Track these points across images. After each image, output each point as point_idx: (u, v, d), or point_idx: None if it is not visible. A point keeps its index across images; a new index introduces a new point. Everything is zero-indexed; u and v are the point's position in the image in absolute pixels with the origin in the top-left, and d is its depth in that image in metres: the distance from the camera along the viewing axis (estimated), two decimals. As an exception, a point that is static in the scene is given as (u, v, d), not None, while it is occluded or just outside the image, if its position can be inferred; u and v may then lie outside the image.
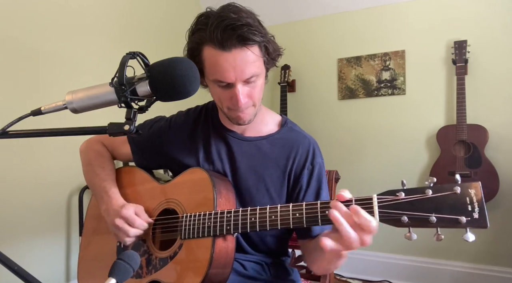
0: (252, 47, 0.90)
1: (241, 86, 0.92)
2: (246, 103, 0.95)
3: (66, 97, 0.70)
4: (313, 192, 1.05)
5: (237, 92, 0.92)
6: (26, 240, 1.83)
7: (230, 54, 0.88)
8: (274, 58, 1.00)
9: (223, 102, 0.98)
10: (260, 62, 0.94)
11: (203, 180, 0.99)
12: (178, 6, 2.83)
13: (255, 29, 0.89)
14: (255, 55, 0.91)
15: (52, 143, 1.92)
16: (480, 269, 2.39)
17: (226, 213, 0.92)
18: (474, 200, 0.68)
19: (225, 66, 0.89)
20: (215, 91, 0.97)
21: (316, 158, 1.07)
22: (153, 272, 0.99)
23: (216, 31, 0.87)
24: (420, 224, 0.71)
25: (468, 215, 0.68)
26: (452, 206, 0.69)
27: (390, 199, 0.74)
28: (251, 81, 0.94)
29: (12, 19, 1.77)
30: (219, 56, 0.89)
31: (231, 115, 0.99)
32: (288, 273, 1.15)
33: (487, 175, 2.25)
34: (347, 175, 2.28)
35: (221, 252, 0.92)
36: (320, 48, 2.90)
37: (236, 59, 0.89)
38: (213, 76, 0.93)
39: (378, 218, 0.73)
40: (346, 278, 2.66)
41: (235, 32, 0.87)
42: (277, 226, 0.86)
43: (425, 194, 0.71)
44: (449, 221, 0.69)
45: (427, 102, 2.56)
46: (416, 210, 0.71)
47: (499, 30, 2.36)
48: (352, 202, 0.76)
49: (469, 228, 0.68)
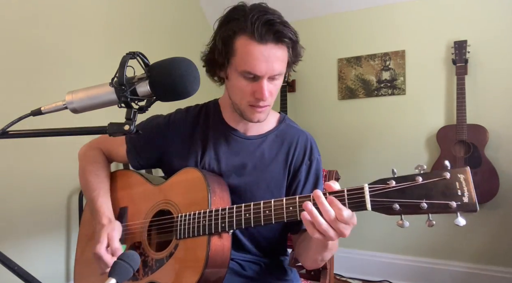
0: (284, 45, 0.94)
1: (266, 81, 0.94)
2: (267, 99, 0.96)
3: (66, 97, 0.70)
4: (310, 188, 1.07)
5: (263, 86, 0.93)
6: (26, 240, 1.83)
7: (265, 47, 0.91)
8: (295, 62, 1.03)
9: (245, 97, 0.97)
10: (285, 62, 0.97)
11: (197, 180, 0.98)
12: (178, 6, 2.83)
13: (290, 29, 0.95)
14: (285, 54, 0.95)
15: (52, 143, 1.92)
16: (480, 269, 2.39)
17: (221, 211, 0.92)
18: (463, 184, 0.69)
19: (259, 58, 0.91)
20: (239, 84, 0.97)
21: (314, 153, 1.10)
22: (149, 273, 0.99)
23: (257, 23, 0.90)
24: (412, 210, 0.72)
25: (458, 200, 0.69)
26: (442, 192, 0.70)
27: (381, 188, 0.75)
28: (276, 79, 0.96)
29: (12, 19, 1.77)
30: (254, 47, 0.91)
31: (249, 111, 0.99)
32: (287, 273, 1.15)
33: (487, 175, 2.25)
34: (347, 175, 2.27)
35: (217, 250, 0.92)
36: (320, 48, 2.91)
37: (270, 53, 0.91)
38: (243, 66, 0.93)
39: (370, 207, 0.75)
40: (346, 278, 2.66)
41: (274, 27, 0.91)
42: (271, 221, 0.86)
43: (415, 181, 0.72)
44: (440, 206, 0.69)
45: (427, 102, 2.56)
46: (407, 197, 0.72)
47: (499, 30, 2.36)
48: (344, 192, 0.77)
49: (460, 212, 0.69)
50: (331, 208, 0.75)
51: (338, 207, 0.75)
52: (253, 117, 1.00)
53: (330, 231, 0.76)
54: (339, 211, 0.75)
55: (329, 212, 0.75)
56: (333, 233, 0.76)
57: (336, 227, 0.75)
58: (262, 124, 1.10)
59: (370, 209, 0.75)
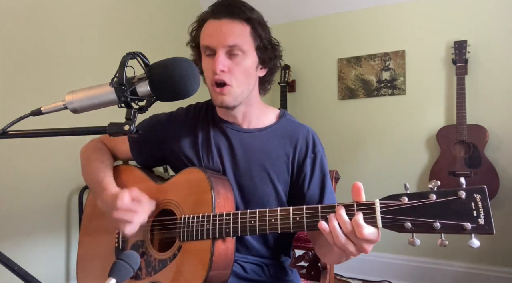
0: (241, 22, 0.97)
1: (222, 54, 0.96)
2: (222, 74, 0.96)
3: (66, 97, 0.70)
4: (318, 181, 1.05)
5: (217, 57, 0.95)
6: (26, 240, 1.83)
7: (220, 21, 0.97)
8: (265, 46, 1.02)
9: (209, 76, 1.00)
10: (248, 40, 0.98)
11: (200, 181, 0.98)
12: (178, 6, 2.83)
13: (248, 8, 0.99)
14: (243, 29, 0.97)
15: (52, 143, 1.92)
16: (480, 269, 2.39)
17: (225, 216, 0.91)
18: (479, 205, 0.66)
19: (211, 31, 0.97)
20: (204, 64, 1.01)
21: (317, 146, 1.08)
22: (152, 273, 0.99)
23: (216, 4, 0.99)
24: (424, 230, 0.68)
25: (473, 221, 0.65)
26: (457, 212, 0.66)
27: (393, 204, 0.71)
28: (234, 54, 0.97)
29: (12, 19, 1.77)
30: (210, 23, 0.98)
31: (213, 92, 1.01)
32: (288, 274, 1.15)
33: (487, 175, 2.24)
34: (347, 175, 2.27)
35: (220, 254, 0.92)
36: (320, 48, 2.90)
37: (222, 26, 0.96)
38: (202, 42, 0.99)
39: (380, 224, 0.72)
40: (346, 278, 2.66)
41: (229, 5, 0.98)
42: (277, 230, 0.85)
43: (429, 199, 0.69)
44: (454, 227, 0.66)
45: (427, 102, 2.56)
46: (419, 216, 0.69)
47: (499, 30, 2.36)
48: (353, 206, 0.75)
49: (474, 234, 0.66)
50: (351, 225, 0.73)
51: (359, 224, 0.72)
52: (217, 98, 1.00)
53: (350, 245, 0.74)
54: (359, 229, 0.72)
55: (347, 226, 0.73)
56: (353, 247, 0.74)
57: (357, 242, 0.73)
58: (259, 118, 1.09)
59: (381, 226, 0.72)
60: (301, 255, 1.49)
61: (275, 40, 1.06)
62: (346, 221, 0.74)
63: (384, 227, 0.72)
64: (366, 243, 0.74)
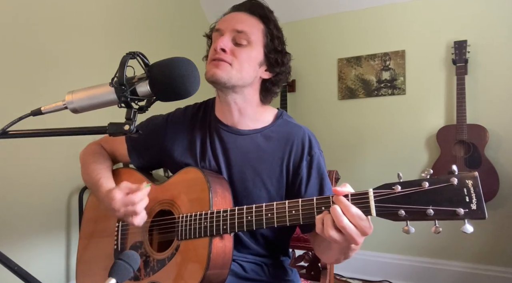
0: (257, 19, 1.03)
1: (228, 36, 0.99)
2: (223, 53, 0.97)
3: (66, 97, 0.70)
4: (315, 184, 1.03)
5: (223, 38, 0.99)
6: (26, 240, 1.83)
7: (236, 13, 1.04)
8: (277, 47, 1.04)
9: (210, 54, 1.02)
10: (257, 34, 1.01)
11: (198, 180, 0.98)
12: (178, 6, 2.83)
13: (268, 9, 1.05)
14: (257, 23, 1.02)
15: (52, 143, 1.92)
16: (480, 269, 2.39)
17: (222, 212, 0.91)
18: (471, 191, 0.67)
19: (226, 18, 1.04)
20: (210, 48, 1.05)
21: (313, 148, 1.05)
22: (151, 274, 0.99)
23: (240, 3, 1.06)
24: (418, 217, 0.70)
25: (465, 207, 0.67)
26: (450, 198, 0.68)
27: (386, 193, 0.73)
28: (240, 43, 0.99)
29: (12, 19, 1.77)
30: (229, 13, 1.06)
31: (207, 65, 1.02)
32: (288, 274, 1.15)
33: (487, 175, 2.24)
34: (347, 175, 2.27)
35: (218, 252, 0.92)
36: (320, 48, 2.90)
37: (237, 16, 1.03)
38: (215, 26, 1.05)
39: (375, 212, 0.73)
40: (346, 278, 2.66)
41: (252, 3, 1.05)
42: (274, 224, 0.86)
43: (421, 186, 0.70)
44: (447, 213, 0.68)
45: (427, 102, 2.56)
46: (413, 203, 0.70)
47: (499, 30, 2.36)
48: (348, 197, 0.76)
49: (467, 219, 0.67)
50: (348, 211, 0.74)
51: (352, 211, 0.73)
52: (209, 70, 0.99)
53: (351, 228, 0.73)
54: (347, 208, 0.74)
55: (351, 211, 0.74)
56: (354, 230, 0.73)
57: (358, 224, 0.73)
58: (255, 119, 1.08)
59: (375, 214, 0.73)
60: (301, 255, 1.50)
61: (288, 53, 1.09)
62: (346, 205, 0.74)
63: (378, 215, 0.73)
64: (356, 229, 0.73)
